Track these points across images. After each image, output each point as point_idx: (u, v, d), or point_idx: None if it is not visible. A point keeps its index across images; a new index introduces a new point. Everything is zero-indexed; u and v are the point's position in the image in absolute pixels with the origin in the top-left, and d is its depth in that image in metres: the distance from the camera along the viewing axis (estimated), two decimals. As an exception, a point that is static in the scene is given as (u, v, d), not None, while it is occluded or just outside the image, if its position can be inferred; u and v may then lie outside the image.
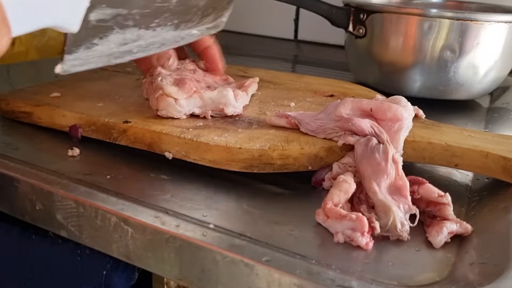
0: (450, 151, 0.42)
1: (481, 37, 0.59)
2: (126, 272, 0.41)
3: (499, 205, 0.39)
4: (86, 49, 0.39)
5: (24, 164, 0.43)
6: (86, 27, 0.37)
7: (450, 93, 0.63)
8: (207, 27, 0.49)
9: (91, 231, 0.38)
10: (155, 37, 0.44)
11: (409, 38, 0.61)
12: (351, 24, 0.67)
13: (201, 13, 0.46)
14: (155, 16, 0.42)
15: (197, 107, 0.47)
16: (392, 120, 0.42)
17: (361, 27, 0.65)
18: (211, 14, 0.48)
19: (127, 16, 0.39)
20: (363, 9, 0.65)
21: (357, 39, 0.67)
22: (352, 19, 0.66)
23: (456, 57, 0.60)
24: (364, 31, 0.65)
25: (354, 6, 0.66)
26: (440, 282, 0.31)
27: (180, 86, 0.47)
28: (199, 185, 0.42)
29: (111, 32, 0.39)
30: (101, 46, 0.39)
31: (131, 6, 0.39)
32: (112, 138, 0.46)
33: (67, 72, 0.39)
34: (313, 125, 0.44)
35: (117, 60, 0.42)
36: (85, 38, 0.38)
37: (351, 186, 0.37)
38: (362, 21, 0.65)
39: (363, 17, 0.64)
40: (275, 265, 0.31)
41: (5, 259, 0.46)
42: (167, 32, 0.44)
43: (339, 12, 0.67)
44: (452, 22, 0.58)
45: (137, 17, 0.40)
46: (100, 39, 0.39)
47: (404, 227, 0.35)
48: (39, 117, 0.51)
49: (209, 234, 0.34)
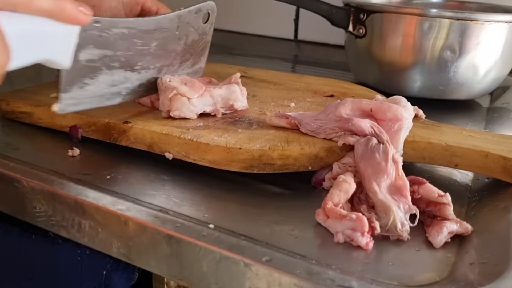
0: (450, 151, 0.42)
1: (481, 37, 0.59)
2: (126, 272, 0.41)
3: (499, 205, 0.39)
4: (79, 88, 0.43)
5: (24, 164, 0.43)
6: (77, 66, 0.41)
7: (450, 93, 0.63)
8: (187, 72, 0.53)
9: (91, 231, 0.38)
10: (141, 80, 0.48)
11: (409, 38, 0.61)
12: (351, 24, 0.67)
13: (180, 58, 0.51)
14: (138, 59, 0.46)
15: (208, 105, 0.48)
16: (392, 120, 0.42)
17: (361, 27, 0.65)
18: (189, 59, 0.52)
19: (113, 57, 0.44)
20: (363, 9, 0.65)
21: (357, 39, 0.67)
22: (352, 19, 0.66)
23: (456, 57, 0.60)
24: (364, 31, 0.65)
25: (354, 6, 0.66)
26: (440, 282, 0.31)
27: (190, 85, 0.47)
28: (199, 185, 0.42)
29: (100, 72, 0.44)
30: (92, 87, 0.44)
31: (115, 48, 0.44)
32: (112, 138, 0.46)
33: (64, 111, 0.43)
34: (313, 125, 0.44)
35: (108, 102, 0.46)
36: (77, 77, 0.42)
37: (351, 186, 0.37)
38: (362, 21, 0.65)
39: (363, 17, 0.64)
40: (275, 265, 0.31)
41: (5, 259, 0.46)
42: (151, 76, 0.49)
43: (339, 12, 0.67)
44: (452, 22, 0.58)
45: (122, 59, 0.45)
46: (90, 79, 0.43)
47: (404, 227, 0.35)
48: (39, 117, 0.51)
49: (209, 234, 0.34)
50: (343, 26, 0.68)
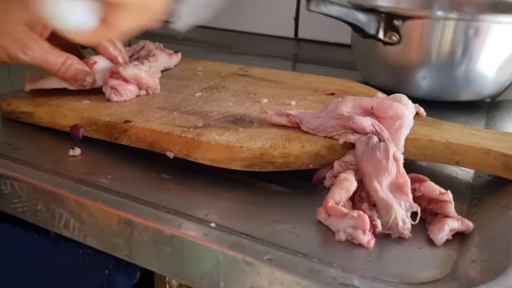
0: (451, 149, 0.42)
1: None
2: (128, 271, 0.41)
3: (500, 202, 0.39)
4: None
5: (25, 164, 0.43)
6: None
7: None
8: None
9: (92, 231, 0.38)
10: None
11: (447, 43, 0.59)
12: (381, 31, 0.63)
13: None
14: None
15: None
16: (393, 118, 0.42)
17: (394, 33, 0.62)
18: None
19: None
20: (397, 15, 0.61)
21: (386, 45, 0.63)
22: (383, 26, 0.63)
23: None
24: (398, 38, 0.62)
25: (386, 12, 0.62)
26: (442, 280, 0.31)
27: None
28: (200, 184, 0.42)
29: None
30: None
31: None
32: (113, 137, 0.47)
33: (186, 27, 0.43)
34: (314, 124, 0.44)
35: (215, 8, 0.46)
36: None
37: (352, 184, 0.37)
38: (396, 27, 0.61)
39: (397, 23, 0.61)
40: (277, 264, 0.31)
41: (7, 259, 0.46)
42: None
43: (369, 19, 0.63)
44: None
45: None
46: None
47: (405, 225, 0.35)
48: (40, 117, 0.51)
49: (210, 233, 0.34)
50: (373, 34, 0.64)
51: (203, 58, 0.72)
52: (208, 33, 1.04)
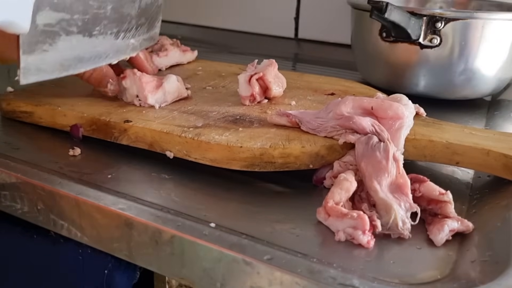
0: (451, 149, 0.42)
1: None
2: (127, 271, 0.41)
3: (500, 202, 0.39)
4: (38, 55, 0.42)
5: (25, 164, 0.43)
6: (36, 31, 0.40)
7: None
8: (143, 38, 0.55)
9: (92, 231, 0.38)
10: (99, 46, 0.48)
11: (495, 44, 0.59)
12: (422, 34, 0.60)
13: (135, 22, 0.52)
14: (95, 23, 0.46)
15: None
16: (393, 118, 0.42)
17: (435, 36, 0.60)
18: (144, 24, 0.54)
19: (70, 21, 0.43)
20: (441, 17, 0.59)
21: (423, 49, 0.61)
22: (425, 29, 0.60)
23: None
24: (439, 41, 0.60)
25: (428, 14, 0.60)
26: (441, 280, 0.31)
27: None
28: (200, 184, 0.42)
29: (58, 38, 0.43)
30: (52, 53, 0.43)
31: (72, 11, 0.43)
32: (113, 137, 0.47)
33: (27, 81, 0.42)
34: (314, 124, 0.44)
35: (71, 70, 0.46)
36: (36, 43, 0.41)
37: (352, 184, 0.37)
38: (438, 30, 0.60)
39: (440, 26, 0.59)
40: (277, 264, 0.31)
41: (6, 259, 0.46)
42: (109, 41, 0.49)
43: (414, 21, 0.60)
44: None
45: (79, 23, 0.44)
46: (49, 45, 0.42)
47: (405, 225, 0.35)
48: (40, 116, 0.51)
49: (210, 233, 0.34)
50: (415, 37, 0.61)
51: (203, 58, 0.72)
52: (208, 33, 1.04)
